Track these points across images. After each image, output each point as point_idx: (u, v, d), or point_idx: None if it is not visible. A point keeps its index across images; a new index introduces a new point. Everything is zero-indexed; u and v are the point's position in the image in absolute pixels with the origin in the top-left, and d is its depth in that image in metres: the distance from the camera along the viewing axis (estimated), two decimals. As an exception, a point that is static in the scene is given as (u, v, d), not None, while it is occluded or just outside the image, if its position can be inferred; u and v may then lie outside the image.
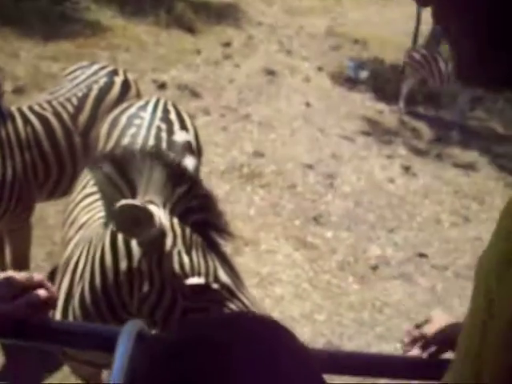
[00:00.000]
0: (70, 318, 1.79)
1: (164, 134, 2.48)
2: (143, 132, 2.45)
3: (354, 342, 3.49)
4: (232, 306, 1.50)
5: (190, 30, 9.01)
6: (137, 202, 1.47)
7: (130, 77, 3.31)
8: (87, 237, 1.87)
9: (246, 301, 1.53)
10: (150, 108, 2.58)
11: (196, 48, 8.24)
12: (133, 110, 2.57)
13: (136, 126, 2.49)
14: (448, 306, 3.98)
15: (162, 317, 1.56)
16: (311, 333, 3.50)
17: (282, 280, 3.91)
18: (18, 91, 5.72)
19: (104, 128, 2.53)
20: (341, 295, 3.89)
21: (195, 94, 6.58)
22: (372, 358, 1.15)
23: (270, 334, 0.55)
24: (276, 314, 3.58)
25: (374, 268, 4.23)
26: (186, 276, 1.50)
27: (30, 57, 6.75)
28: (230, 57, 8.16)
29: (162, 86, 6.56)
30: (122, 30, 8.36)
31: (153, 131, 2.47)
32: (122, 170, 1.53)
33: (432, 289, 4.16)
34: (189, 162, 2.00)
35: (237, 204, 4.61)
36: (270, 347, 0.53)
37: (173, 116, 2.60)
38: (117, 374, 0.82)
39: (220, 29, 9.47)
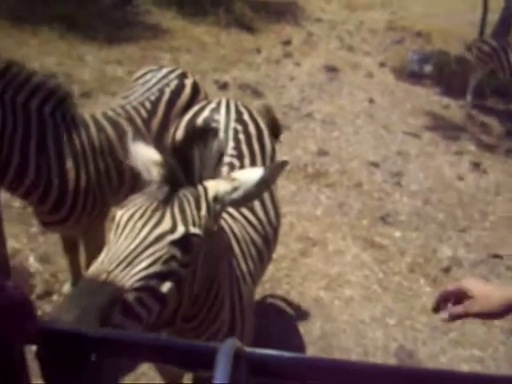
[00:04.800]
0: None
1: (242, 136, 2.44)
2: (221, 135, 2.43)
3: (427, 348, 3.38)
4: None
5: (250, 29, 9.02)
6: None
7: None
8: None
9: None
10: (222, 110, 2.54)
11: (256, 47, 8.23)
12: (206, 113, 2.54)
13: None
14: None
15: None
16: (383, 337, 3.40)
17: (350, 281, 3.83)
18: (85, 95, 5.86)
19: (180, 133, 2.52)
20: (412, 298, 3.77)
21: (257, 94, 6.56)
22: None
23: None
24: (346, 317, 3.52)
25: (446, 270, 4.08)
26: None
27: (95, 61, 6.91)
28: (291, 55, 8.12)
29: (223, 87, 6.57)
30: (182, 32, 8.45)
31: (230, 133, 2.43)
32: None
33: (508, 291, 3.97)
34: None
35: (303, 204, 4.55)
36: None
37: (246, 117, 2.56)
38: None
39: (279, 27, 9.44)
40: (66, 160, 2.49)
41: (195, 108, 2.62)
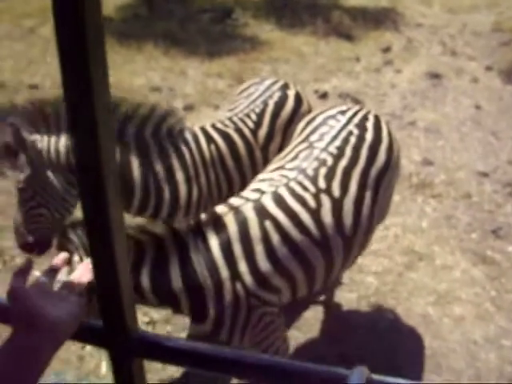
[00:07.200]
0: None
1: (353, 139, 2.49)
2: (333, 132, 2.50)
3: (548, 372, 3.14)
4: None
5: (348, 37, 8.91)
6: None
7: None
8: None
9: None
10: (349, 113, 2.63)
11: (355, 55, 8.11)
12: (332, 112, 2.66)
13: (329, 126, 2.55)
14: None
15: None
16: (497, 359, 3.19)
17: (461, 298, 3.64)
18: (189, 108, 6.03)
19: (300, 124, 2.66)
20: (530, 318, 3.53)
21: (357, 102, 6.44)
22: None
23: None
24: (457, 336, 3.34)
25: None
26: None
27: (197, 74, 7.10)
28: (391, 62, 7.91)
29: (323, 96, 6.53)
30: (280, 43, 8.49)
31: (343, 134, 2.50)
32: None
33: None
34: None
35: (408, 216, 4.40)
36: None
37: (369, 124, 2.60)
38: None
39: (378, 34, 9.24)
40: (176, 175, 2.57)
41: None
